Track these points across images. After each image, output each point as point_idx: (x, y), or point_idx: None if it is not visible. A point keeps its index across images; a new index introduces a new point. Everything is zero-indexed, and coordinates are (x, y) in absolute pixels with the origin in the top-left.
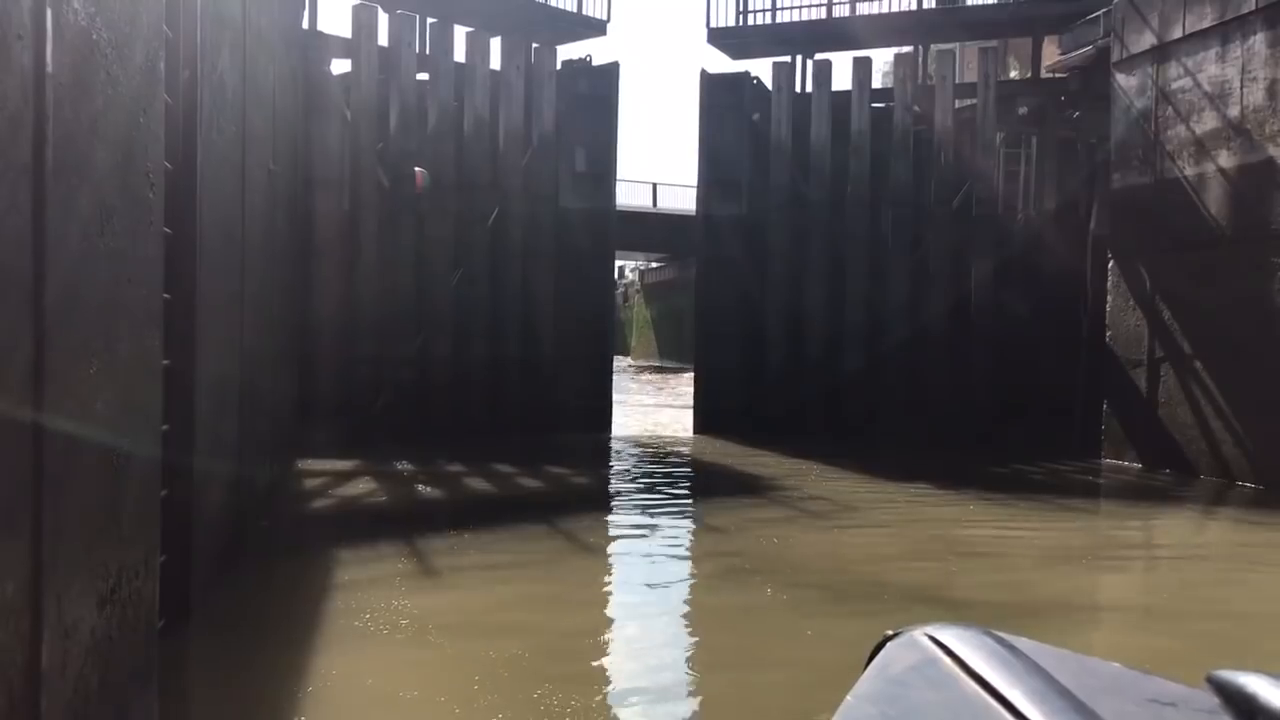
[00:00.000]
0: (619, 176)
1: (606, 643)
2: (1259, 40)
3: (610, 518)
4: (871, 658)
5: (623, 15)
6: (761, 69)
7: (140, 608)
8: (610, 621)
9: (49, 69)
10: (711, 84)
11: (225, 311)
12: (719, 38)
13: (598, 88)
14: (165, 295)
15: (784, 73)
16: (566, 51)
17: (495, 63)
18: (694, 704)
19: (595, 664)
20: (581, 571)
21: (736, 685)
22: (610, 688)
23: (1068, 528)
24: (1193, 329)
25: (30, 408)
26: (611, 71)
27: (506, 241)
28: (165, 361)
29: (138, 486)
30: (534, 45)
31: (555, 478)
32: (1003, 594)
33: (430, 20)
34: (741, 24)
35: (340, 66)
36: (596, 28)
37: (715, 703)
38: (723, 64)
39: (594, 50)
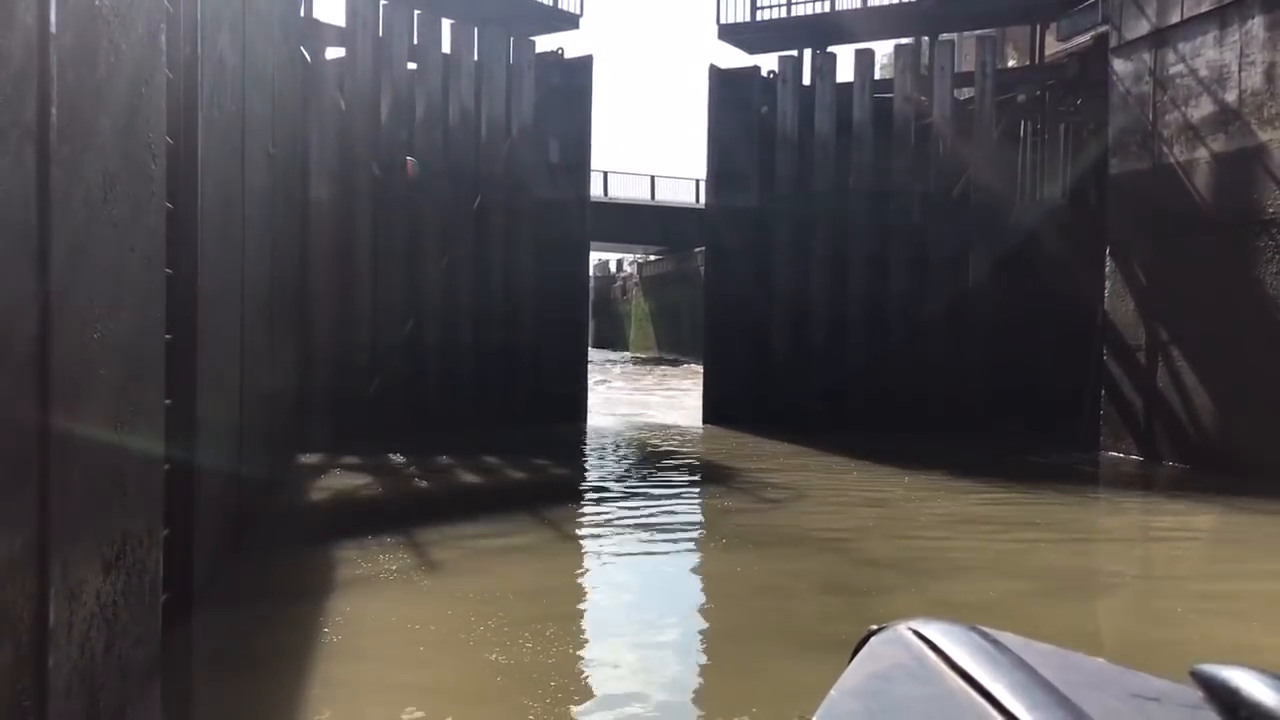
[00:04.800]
0: (618, 170)
1: (582, 587)
2: (1257, 23)
3: (612, 502)
4: (856, 652)
5: (625, 12)
6: (771, 63)
7: (144, 577)
8: (586, 571)
9: (53, 29)
10: (720, 79)
11: (226, 292)
12: (729, 33)
13: (571, 80)
14: (167, 270)
15: (790, 66)
16: (541, 45)
17: (477, 54)
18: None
19: (575, 593)
20: (569, 551)
21: (689, 607)
22: (586, 606)
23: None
24: (1187, 315)
25: (36, 365)
26: (585, 64)
27: (489, 229)
28: (167, 336)
29: (140, 456)
30: (511, 37)
31: (544, 470)
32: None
33: (417, 11)
34: (752, 19)
35: (331, 56)
36: (570, 21)
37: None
38: (733, 59)
39: (568, 44)
